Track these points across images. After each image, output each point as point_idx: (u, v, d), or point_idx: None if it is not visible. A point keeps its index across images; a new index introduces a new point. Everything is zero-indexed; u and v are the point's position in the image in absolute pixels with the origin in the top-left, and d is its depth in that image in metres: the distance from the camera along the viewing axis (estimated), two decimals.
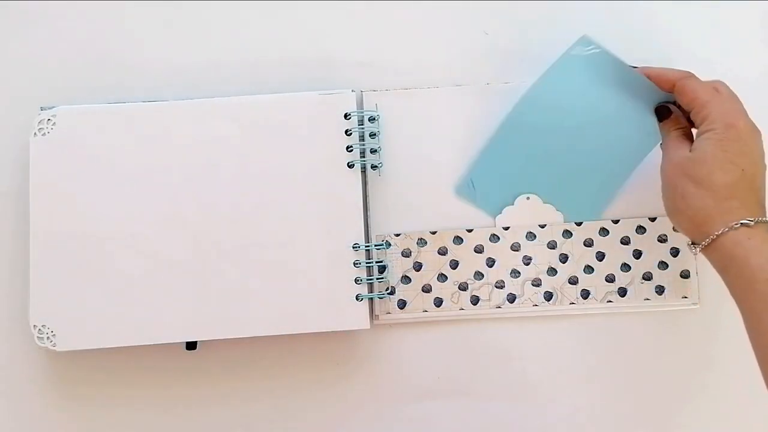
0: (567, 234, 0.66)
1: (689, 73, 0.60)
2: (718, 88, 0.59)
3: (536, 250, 0.66)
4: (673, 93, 0.61)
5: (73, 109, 0.65)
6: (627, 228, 0.65)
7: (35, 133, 0.64)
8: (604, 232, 0.65)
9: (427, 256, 0.65)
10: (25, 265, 0.63)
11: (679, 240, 0.65)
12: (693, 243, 0.56)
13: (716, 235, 0.54)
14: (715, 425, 0.66)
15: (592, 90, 0.64)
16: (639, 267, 0.65)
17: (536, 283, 0.65)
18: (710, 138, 0.56)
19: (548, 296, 0.65)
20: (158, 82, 0.68)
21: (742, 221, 0.53)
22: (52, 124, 0.64)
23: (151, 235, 0.63)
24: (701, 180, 0.55)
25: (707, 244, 0.55)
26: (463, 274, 0.65)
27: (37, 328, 0.62)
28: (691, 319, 0.65)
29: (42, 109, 0.65)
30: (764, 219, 0.54)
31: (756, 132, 0.57)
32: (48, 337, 0.62)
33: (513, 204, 0.66)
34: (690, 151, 0.57)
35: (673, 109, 0.62)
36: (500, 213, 0.66)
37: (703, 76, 0.67)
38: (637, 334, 0.66)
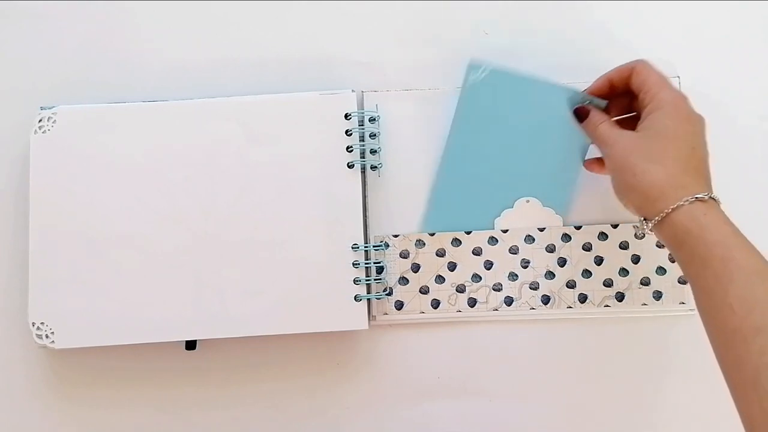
0: (566, 238, 0.65)
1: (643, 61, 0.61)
2: (668, 80, 0.60)
3: (535, 253, 0.65)
4: (630, 80, 0.61)
5: (73, 108, 0.65)
6: (626, 233, 0.65)
7: (35, 131, 0.64)
8: (603, 236, 0.65)
9: (425, 257, 0.66)
10: (24, 263, 0.63)
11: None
12: (645, 219, 0.55)
13: (671, 209, 0.53)
14: (711, 430, 0.66)
15: (510, 108, 0.65)
16: (637, 272, 0.65)
17: (534, 286, 0.65)
18: (661, 116, 0.57)
19: (546, 300, 0.65)
20: (158, 82, 0.68)
21: (696, 195, 0.53)
22: (53, 122, 0.64)
23: (151, 233, 0.64)
24: (654, 155, 0.55)
25: (660, 219, 0.54)
26: (461, 276, 0.65)
27: (36, 326, 0.62)
28: (688, 325, 0.65)
29: (42, 108, 0.65)
30: (715, 196, 0.54)
31: (701, 118, 0.58)
32: (46, 335, 0.62)
33: (512, 207, 0.66)
34: (637, 131, 0.57)
35: (590, 107, 0.63)
36: (499, 216, 0.66)
37: (703, 75, 0.68)
38: (634, 339, 0.65)
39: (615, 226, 0.65)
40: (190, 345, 0.64)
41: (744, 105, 0.68)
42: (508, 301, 0.65)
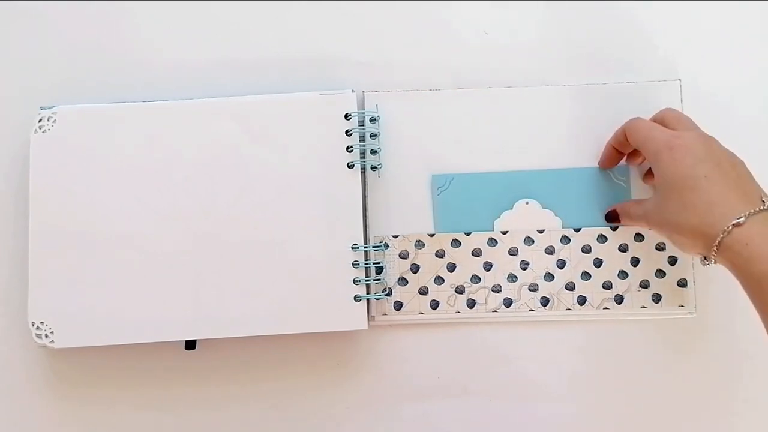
0: (565, 240, 0.65)
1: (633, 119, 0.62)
2: (663, 116, 0.60)
3: (534, 255, 0.65)
4: (629, 144, 0.61)
5: (73, 108, 0.65)
6: (625, 235, 0.65)
7: (36, 130, 0.64)
8: (602, 238, 0.65)
9: (425, 258, 0.66)
10: (24, 262, 0.63)
11: (677, 249, 0.65)
12: (705, 258, 0.55)
13: (716, 248, 0.53)
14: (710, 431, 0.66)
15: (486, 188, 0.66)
16: (636, 275, 0.65)
17: (533, 288, 0.65)
18: (662, 168, 0.56)
19: (545, 301, 0.65)
20: (158, 82, 0.68)
21: (732, 222, 0.52)
22: (53, 122, 0.64)
23: (151, 233, 0.64)
24: (678, 207, 0.55)
25: (715, 258, 0.54)
26: (460, 277, 0.65)
27: (36, 325, 0.62)
28: (687, 328, 0.65)
29: (42, 108, 0.65)
30: (757, 209, 0.52)
31: (701, 141, 0.56)
32: (46, 335, 0.62)
33: (512, 209, 0.66)
34: (654, 192, 0.58)
35: (613, 207, 0.64)
36: (498, 217, 0.66)
37: (703, 75, 0.68)
38: (633, 342, 0.65)
39: (614, 229, 0.65)
40: (190, 345, 0.64)
41: (744, 105, 0.68)
42: (507, 302, 0.65)
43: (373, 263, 0.64)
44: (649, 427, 0.65)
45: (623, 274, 0.65)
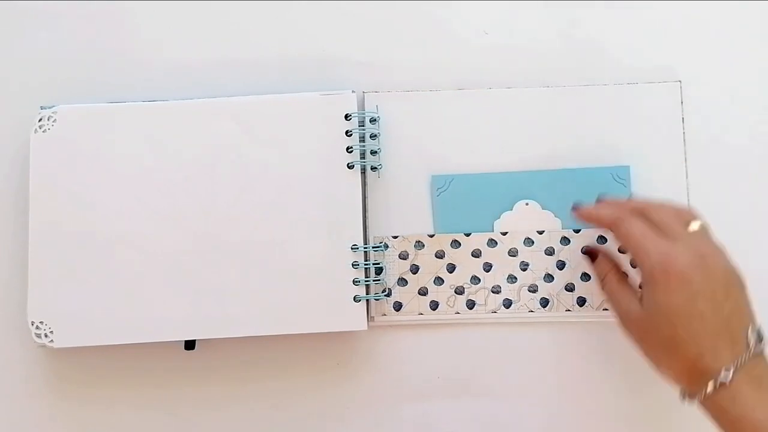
0: (565, 241, 0.65)
1: (621, 213, 0.57)
2: (647, 209, 0.56)
3: (534, 256, 0.65)
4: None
5: (73, 107, 0.65)
6: None
7: (36, 130, 0.64)
8: (602, 240, 0.65)
9: (424, 259, 0.65)
10: (23, 262, 0.63)
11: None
12: (685, 396, 0.54)
13: (701, 399, 0.51)
14: None
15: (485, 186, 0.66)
16: (636, 276, 0.65)
17: (533, 289, 0.65)
18: (655, 292, 0.53)
19: (544, 302, 0.65)
20: (158, 82, 0.68)
21: (721, 381, 0.50)
22: (53, 121, 0.64)
23: (151, 233, 0.64)
24: (665, 342, 0.53)
25: (696, 403, 0.52)
26: (460, 277, 0.65)
27: (35, 325, 0.62)
28: None
29: (42, 108, 0.65)
30: (743, 362, 0.50)
31: (700, 259, 0.52)
32: (45, 334, 0.62)
33: (511, 210, 0.66)
34: (640, 302, 0.55)
35: (598, 250, 0.63)
36: (498, 218, 0.66)
37: (703, 75, 0.67)
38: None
39: None
40: (189, 345, 0.64)
41: (744, 105, 0.68)
42: (507, 303, 0.65)
43: (373, 264, 0.64)
44: (649, 427, 0.65)
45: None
